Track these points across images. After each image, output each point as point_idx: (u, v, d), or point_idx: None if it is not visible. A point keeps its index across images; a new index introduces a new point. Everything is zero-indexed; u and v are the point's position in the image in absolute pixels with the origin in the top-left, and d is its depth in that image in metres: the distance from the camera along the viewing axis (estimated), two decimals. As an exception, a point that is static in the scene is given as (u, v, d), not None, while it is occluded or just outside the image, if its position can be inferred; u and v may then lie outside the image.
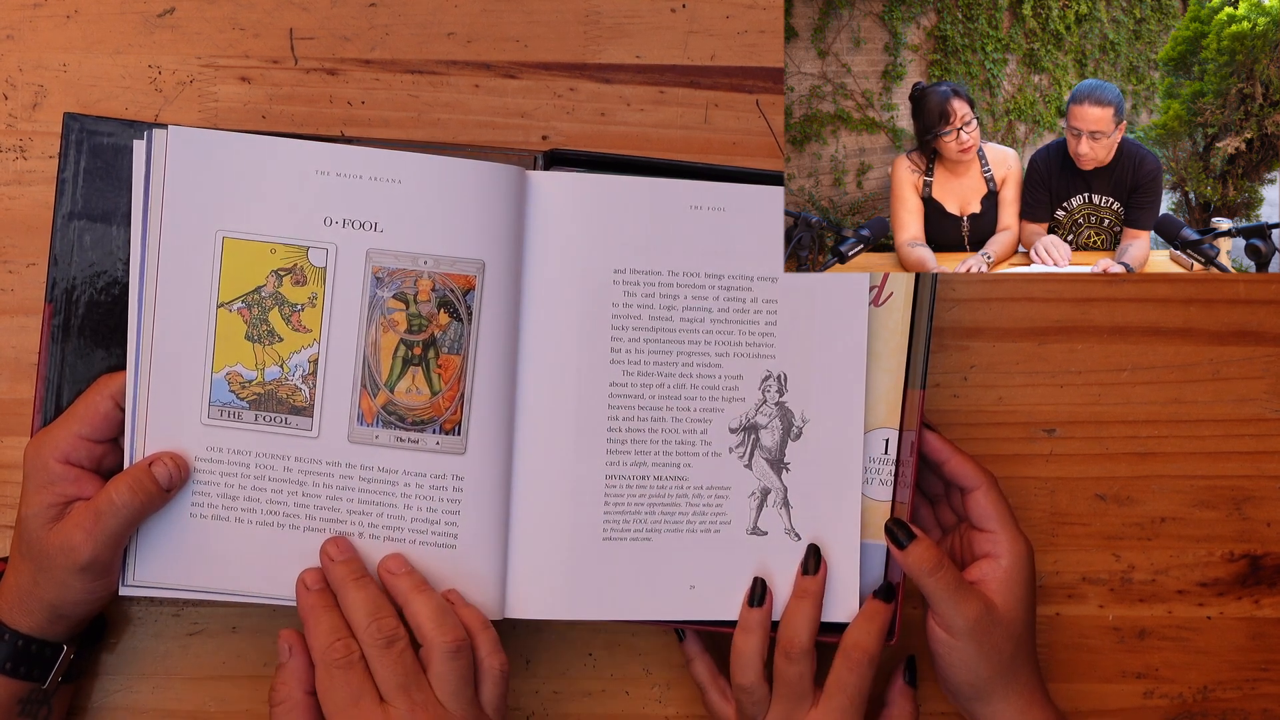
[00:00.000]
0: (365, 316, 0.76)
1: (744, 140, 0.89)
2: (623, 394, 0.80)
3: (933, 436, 0.83)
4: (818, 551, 0.81)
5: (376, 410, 0.77)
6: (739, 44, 0.89)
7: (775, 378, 0.81)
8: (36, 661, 0.76)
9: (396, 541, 0.77)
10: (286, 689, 0.73)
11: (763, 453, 0.81)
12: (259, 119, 0.87)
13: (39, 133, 0.86)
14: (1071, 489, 0.91)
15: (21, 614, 0.76)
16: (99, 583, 0.75)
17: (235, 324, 0.76)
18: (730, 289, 0.81)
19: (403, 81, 0.88)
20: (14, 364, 0.86)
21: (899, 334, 0.82)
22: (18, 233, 0.86)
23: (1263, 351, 0.91)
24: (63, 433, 0.76)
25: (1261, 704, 0.91)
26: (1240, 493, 0.91)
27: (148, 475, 0.74)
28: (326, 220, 0.76)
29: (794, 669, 0.79)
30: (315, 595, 0.74)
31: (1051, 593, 0.91)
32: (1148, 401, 0.91)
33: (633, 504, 0.80)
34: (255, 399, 0.76)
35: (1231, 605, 0.91)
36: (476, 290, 0.77)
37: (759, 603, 0.80)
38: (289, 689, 0.73)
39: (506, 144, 0.88)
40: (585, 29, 0.89)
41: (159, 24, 0.87)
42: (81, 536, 0.73)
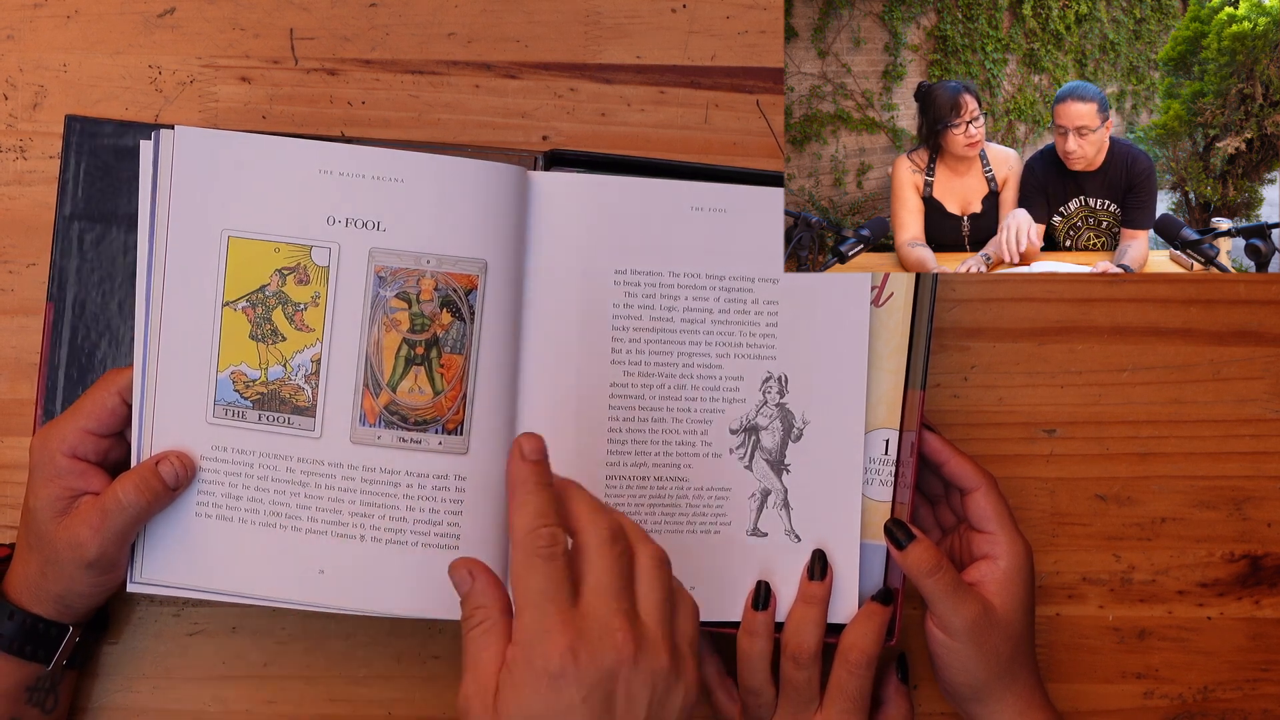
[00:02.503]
0: (368, 316, 0.77)
1: (744, 140, 0.89)
2: (623, 394, 0.80)
3: (932, 437, 0.83)
4: (824, 557, 0.81)
5: (379, 410, 0.77)
6: (739, 44, 0.89)
7: (776, 379, 0.81)
8: (43, 641, 0.77)
9: (399, 544, 0.76)
10: (483, 610, 0.65)
11: (763, 454, 0.81)
12: (259, 119, 0.87)
13: (39, 133, 0.86)
14: (1071, 489, 0.91)
15: (30, 600, 0.76)
16: (106, 576, 0.76)
17: (240, 323, 0.76)
18: (731, 289, 0.81)
19: (403, 82, 0.88)
20: (14, 364, 0.86)
21: (899, 334, 0.82)
22: (18, 233, 0.86)
23: (1263, 351, 0.91)
24: (69, 427, 0.76)
25: (1261, 704, 0.91)
26: (1240, 493, 0.92)
27: (154, 474, 0.74)
28: (329, 219, 0.76)
29: (802, 674, 0.79)
30: (530, 467, 0.66)
31: (1051, 593, 0.91)
32: (1148, 402, 0.91)
33: (633, 504, 0.80)
34: (259, 398, 0.76)
35: (1232, 606, 0.92)
36: (479, 290, 0.77)
37: (763, 606, 0.80)
38: (485, 609, 0.65)
39: (507, 144, 0.88)
40: (585, 29, 0.89)
41: (159, 24, 0.87)
42: (89, 534, 0.73)
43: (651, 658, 0.63)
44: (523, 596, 0.63)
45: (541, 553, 0.63)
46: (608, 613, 0.63)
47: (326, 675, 0.87)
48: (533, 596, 0.62)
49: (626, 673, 0.62)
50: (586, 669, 0.61)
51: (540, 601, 0.62)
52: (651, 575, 0.65)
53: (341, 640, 0.87)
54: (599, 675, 0.61)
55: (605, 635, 0.62)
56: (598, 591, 0.63)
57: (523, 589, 0.63)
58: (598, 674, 0.61)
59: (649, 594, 0.65)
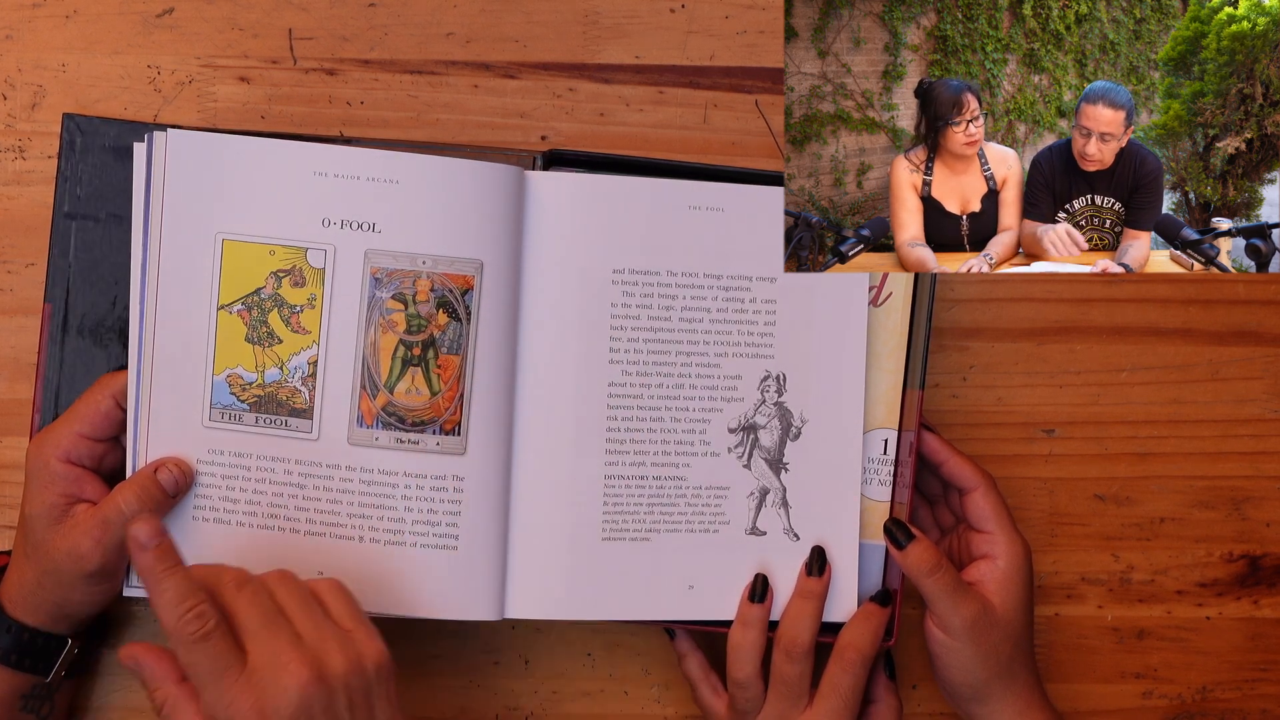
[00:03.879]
0: (364, 317, 0.76)
1: (744, 140, 0.89)
2: (622, 394, 0.80)
3: (931, 437, 0.83)
4: (822, 554, 0.81)
5: (376, 411, 0.77)
6: (739, 44, 0.89)
7: (774, 378, 0.81)
8: (41, 654, 0.76)
9: (398, 545, 0.76)
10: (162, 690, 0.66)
11: (761, 453, 0.81)
12: (258, 119, 0.87)
13: (38, 133, 0.86)
14: (1071, 489, 0.91)
15: (26, 610, 0.76)
16: (104, 585, 0.75)
17: (235, 326, 0.76)
18: (729, 289, 0.81)
19: (402, 81, 0.88)
20: (13, 364, 0.86)
21: (898, 334, 0.82)
22: (17, 233, 0.86)
23: (1262, 351, 0.91)
24: (64, 432, 0.76)
25: (1261, 704, 0.91)
26: (1240, 493, 0.91)
27: (153, 482, 0.74)
28: (325, 221, 0.76)
29: (794, 669, 0.79)
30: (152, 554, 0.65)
31: (1050, 593, 0.91)
32: (1147, 401, 0.91)
33: (631, 504, 0.80)
34: (255, 401, 0.76)
35: (1231, 606, 0.92)
36: (475, 290, 0.77)
37: (759, 598, 0.80)
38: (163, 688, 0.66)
39: (505, 144, 0.88)
40: (585, 29, 0.89)
41: (158, 24, 0.87)
42: (89, 545, 0.73)
43: (328, 666, 0.65)
44: (198, 680, 0.64)
45: (195, 636, 0.64)
46: (272, 652, 0.65)
47: (325, 675, 0.87)
48: (205, 678, 0.64)
49: (313, 695, 0.64)
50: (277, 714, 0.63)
51: (214, 680, 0.64)
52: (287, 592, 0.67)
53: (340, 640, 0.87)
54: (294, 713, 0.63)
55: (280, 676, 0.64)
56: (254, 637, 0.65)
57: (196, 674, 0.64)
58: (292, 713, 0.63)
59: (294, 608, 0.67)
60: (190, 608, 0.64)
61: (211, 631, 0.64)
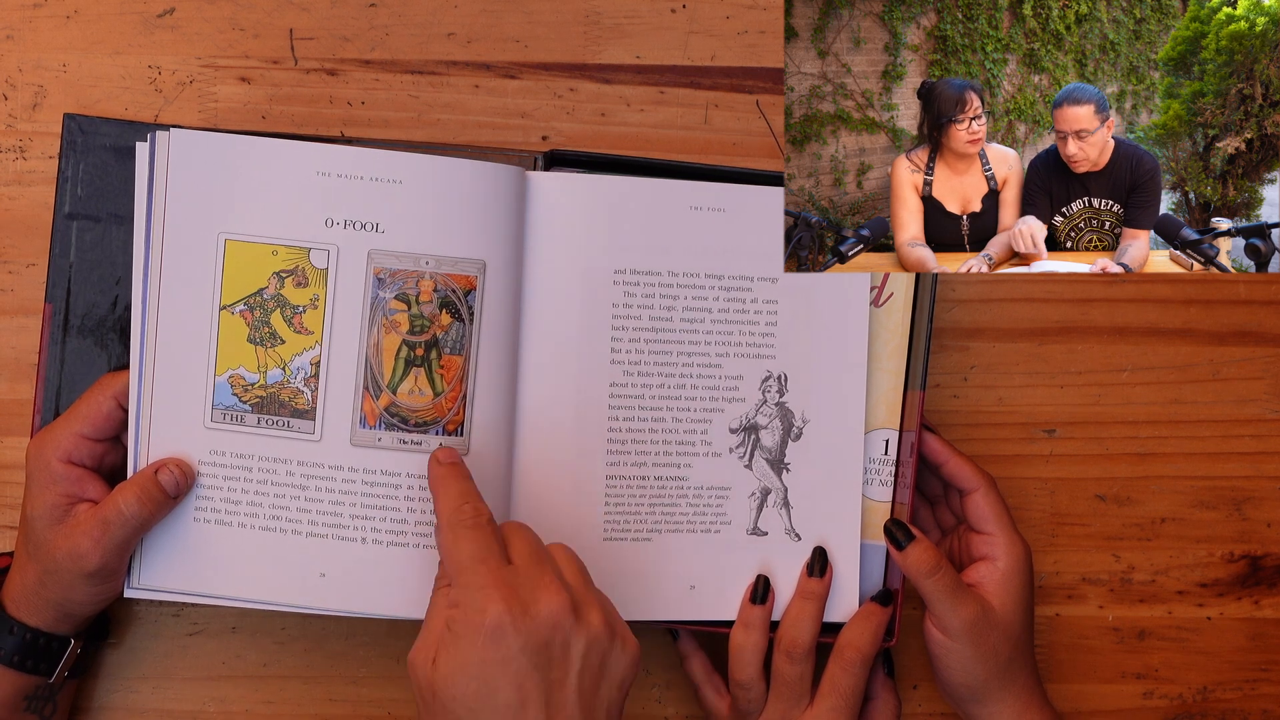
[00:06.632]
0: (367, 318, 0.76)
1: (744, 140, 0.89)
2: (623, 394, 0.80)
3: (932, 438, 0.83)
4: (824, 554, 0.81)
5: (379, 412, 0.76)
6: (739, 44, 0.89)
7: (775, 378, 0.81)
8: (44, 655, 0.76)
9: (401, 545, 0.76)
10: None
11: (763, 453, 0.81)
12: (259, 119, 0.87)
13: (39, 133, 0.86)
14: (1071, 489, 0.91)
15: (28, 611, 0.76)
16: (105, 585, 0.75)
17: (237, 326, 0.76)
18: (730, 289, 0.81)
19: (402, 82, 0.88)
20: (14, 364, 0.86)
21: (899, 334, 0.82)
22: (18, 233, 0.86)
23: (1263, 352, 0.91)
24: (65, 432, 0.76)
25: (1261, 704, 0.91)
26: (1240, 493, 0.92)
27: (154, 484, 0.74)
28: (328, 221, 0.76)
29: (795, 669, 0.79)
30: (446, 468, 0.71)
31: (1051, 593, 0.91)
32: (1148, 402, 0.91)
33: (633, 504, 0.80)
34: (258, 402, 0.76)
35: (1231, 606, 0.92)
36: (478, 291, 0.77)
37: (761, 600, 0.80)
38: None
39: (506, 144, 0.88)
40: (585, 29, 0.89)
41: (159, 24, 0.87)
42: (90, 545, 0.73)
43: (586, 615, 0.65)
44: (455, 565, 0.66)
45: (467, 523, 0.67)
46: (539, 572, 0.66)
47: (326, 675, 0.87)
48: (465, 562, 0.66)
49: (564, 625, 0.64)
50: (523, 620, 0.63)
51: (473, 565, 0.65)
52: (568, 556, 0.69)
53: (341, 640, 0.87)
54: (535, 625, 0.63)
55: (539, 590, 0.65)
56: (525, 556, 0.67)
57: (454, 559, 0.66)
58: (534, 625, 0.63)
59: (570, 568, 0.68)
60: (470, 503, 0.68)
61: (484, 525, 0.67)
